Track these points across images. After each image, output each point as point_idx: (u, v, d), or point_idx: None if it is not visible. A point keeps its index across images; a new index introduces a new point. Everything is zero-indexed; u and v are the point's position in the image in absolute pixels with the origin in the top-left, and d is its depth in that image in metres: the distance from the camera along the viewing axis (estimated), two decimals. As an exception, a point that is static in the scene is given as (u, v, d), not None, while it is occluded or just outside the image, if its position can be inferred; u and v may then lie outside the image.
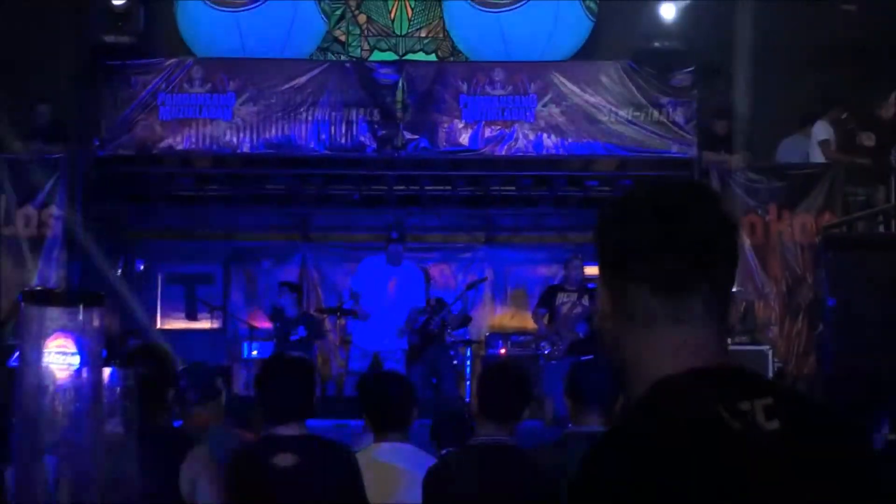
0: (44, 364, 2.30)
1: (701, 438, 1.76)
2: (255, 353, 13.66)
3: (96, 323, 2.33)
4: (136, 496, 3.00)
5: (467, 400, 12.10)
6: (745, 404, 1.80)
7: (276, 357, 5.48)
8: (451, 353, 13.10)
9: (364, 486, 4.70)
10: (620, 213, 1.95)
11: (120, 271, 15.05)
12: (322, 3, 15.34)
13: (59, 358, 2.31)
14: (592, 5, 15.01)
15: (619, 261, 1.91)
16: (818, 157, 13.79)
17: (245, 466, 4.76)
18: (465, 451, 4.68)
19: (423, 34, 16.62)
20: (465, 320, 13.63)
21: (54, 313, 2.28)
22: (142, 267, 15.70)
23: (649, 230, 1.86)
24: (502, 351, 14.11)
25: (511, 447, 4.58)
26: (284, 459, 4.64)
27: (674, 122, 13.41)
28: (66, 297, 2.28)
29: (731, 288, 1.93)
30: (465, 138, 13.55)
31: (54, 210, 13.37)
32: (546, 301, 12.42)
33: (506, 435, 4.61)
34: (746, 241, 13.27)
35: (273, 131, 13.49)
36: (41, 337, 2.28)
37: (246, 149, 13.56)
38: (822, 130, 13.78)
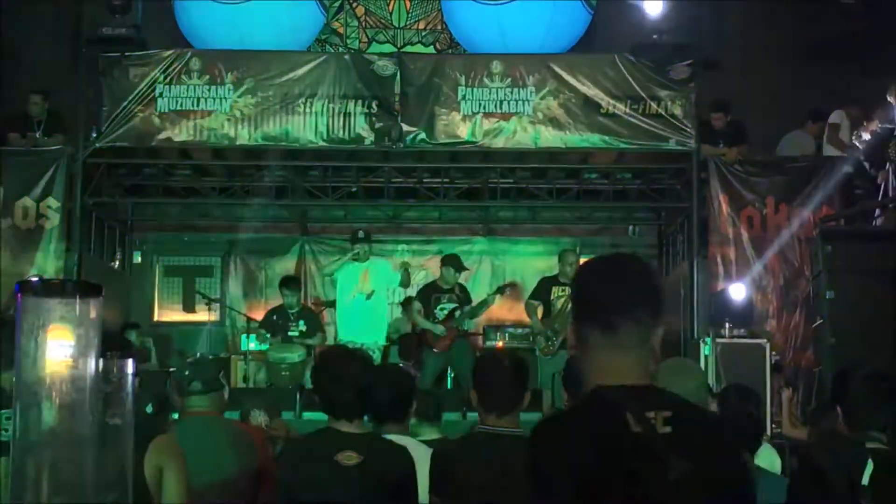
0: (41, 355, 2.30)
1: (606, 432, 2.63)
2: (252, 345, 13.66)
3: (94, 314, 2.32)
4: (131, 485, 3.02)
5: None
6: (651, 413, 2.63)
7: (335, 351, 5.42)
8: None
9: (417, 489, 4.69)
10: (583, 277, 2.90)
11: (118, 263, 15.06)
12: (320, -5, 15.35)
13: (57, 349, 2.31)
14: (591, -2, 15.04)
15: (581, 308, 2.83)
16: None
17: (306, 460, 4.71)
18: (470, 437, 4.68)
19: (421, 26, 16.64)
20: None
21: (51, 304, 2.28)
22: (140, 259, 15.70)
23: (597, 290, 2.80)
24: (499, 343, 14.11)
25: (515, 437, 4.58)
26: (349, 458, 4.63)
27: (672, 115, 13.40)
28: (64, 288, 2.28)
29: (655, 326, 2.77)
30: (463, 131, 13.53)
31: (52, 202, 13.37)
32: (540, 293, 12.39)
33: (507, 425, 4.60)
34: (744, 234, 13.30)
35: (271, 123, 13.47)
36: (38, 328, 2.28)
37: (244, 141, 13.53)
38: (836, 116, 13.84)
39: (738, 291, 12.36)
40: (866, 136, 13.22)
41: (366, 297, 12.52)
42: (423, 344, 12.63)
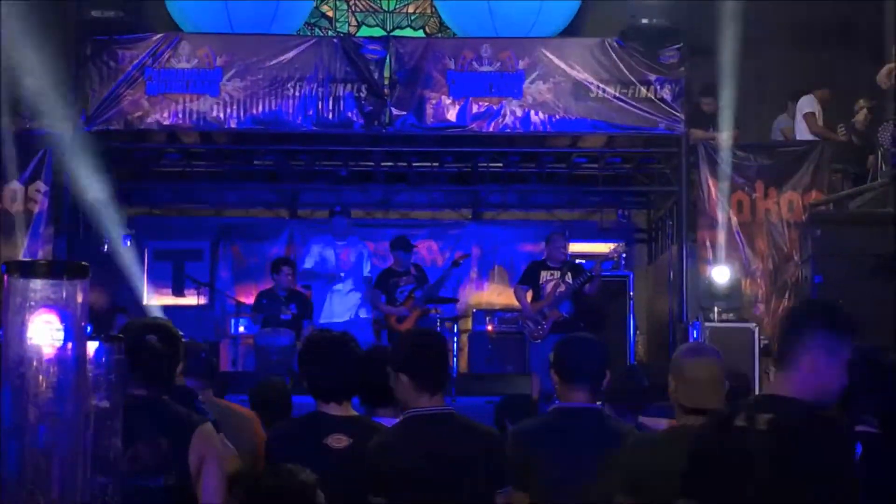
0: (28, 337, 2.29)
1: (719, 425, 3.66)
2: (242, 329, 13.65)
3: (81, 296, 2.31)
4: (122, 470, 3.01)
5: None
6: (761, 414, 3.47)
7: (321, 335, 5.43)
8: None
9: None
10: None
11: (107, 247, 15.03)
12: (310, -21, 15.34)
13: (44, 331, 2.31)
14: (581, -19, 15.03)
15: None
16: (803, 130, 13.83)
17: (295, 444, 4.68)
18: (405, 423, 4.58)
19: (410, 10, 16.60)
20: (451, 300, 13.64)
21: (38, 285, 2.27)
22: (129, 243, 15.66)
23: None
24: (489, 328, 14.13)
25: (451, 415, 4.55)
26: (339, 441, 4.62)
27: (661, 100, 13.40)
28: (50, 270, 2.27)
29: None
30: (452, 115, 13.52)
31: (41, 186, 13.34)
32: (529, 277, 12.35)
33: (439, 404, 4.56)
34: (733, 219, 13.31)
35: (260, 107, 13.45)
36: (25, 310, 2.27)
37: (233, 125, 13.52)
38: (807, 103, 13.82)
39: (721, 274, 12.39)
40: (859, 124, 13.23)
41: (341, 278, 12.43)
42: (389, 328, 12.58)
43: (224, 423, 5.38)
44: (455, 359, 13.01)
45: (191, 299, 14.67)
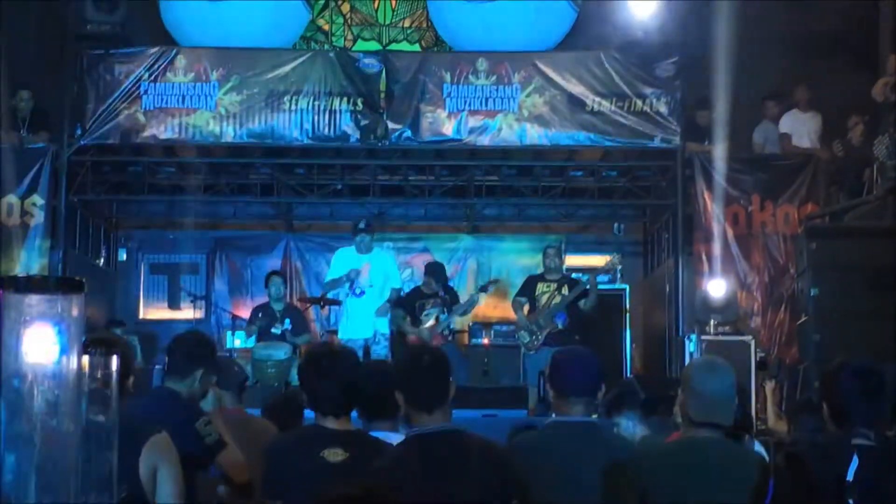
0: (23, 352, 2.29)
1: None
2: (238, 342, 13.63)
3: (76, 310, 2.31)
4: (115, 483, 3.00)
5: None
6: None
7: (321, 349, 5.42)
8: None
9: None
10: None
11: (103, 261, 15.03)
12: (306, -8, 15.34)
13: (39, 346, 2.31)
14: (576, -5, 15.04)
15: None
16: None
17: (292, 456, 4.67)
18: (409, 442, 4.52)
19: (406, 24, 16.62)
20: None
21: (33, 300, 2.27)
22: (125, 256, 15.67)
23: None
24: (485, 341, 14.12)
25: (455, 432, 4.50)
26: (335, 455, 4.61)
27: (657, 113, 13.42)
28: (46, 284, 2.27)
29: None
30: (448, 128, 13.54)
31: (37, 199, 13.34)
32: (526, 290, 12.38)
33: (444, 421, 4.50)
34: (729, 232, 13.31)
35: (256, 121, 13.46)
36: (20, 324, 2.27)
37: (229, 138, 13.54)
38: (784, 123, 13.89)
39: (717, 287, 12.38)
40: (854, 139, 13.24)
41: (356, 294, 12.34)
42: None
43: (242, 433, 5.54)
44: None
45: (187, 312, 14.69)
